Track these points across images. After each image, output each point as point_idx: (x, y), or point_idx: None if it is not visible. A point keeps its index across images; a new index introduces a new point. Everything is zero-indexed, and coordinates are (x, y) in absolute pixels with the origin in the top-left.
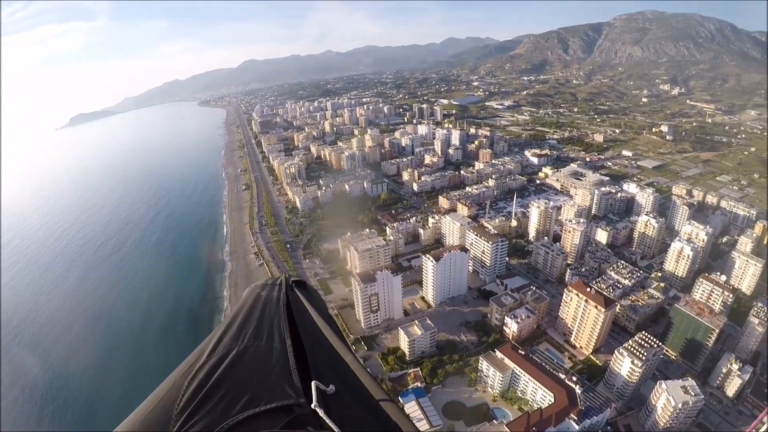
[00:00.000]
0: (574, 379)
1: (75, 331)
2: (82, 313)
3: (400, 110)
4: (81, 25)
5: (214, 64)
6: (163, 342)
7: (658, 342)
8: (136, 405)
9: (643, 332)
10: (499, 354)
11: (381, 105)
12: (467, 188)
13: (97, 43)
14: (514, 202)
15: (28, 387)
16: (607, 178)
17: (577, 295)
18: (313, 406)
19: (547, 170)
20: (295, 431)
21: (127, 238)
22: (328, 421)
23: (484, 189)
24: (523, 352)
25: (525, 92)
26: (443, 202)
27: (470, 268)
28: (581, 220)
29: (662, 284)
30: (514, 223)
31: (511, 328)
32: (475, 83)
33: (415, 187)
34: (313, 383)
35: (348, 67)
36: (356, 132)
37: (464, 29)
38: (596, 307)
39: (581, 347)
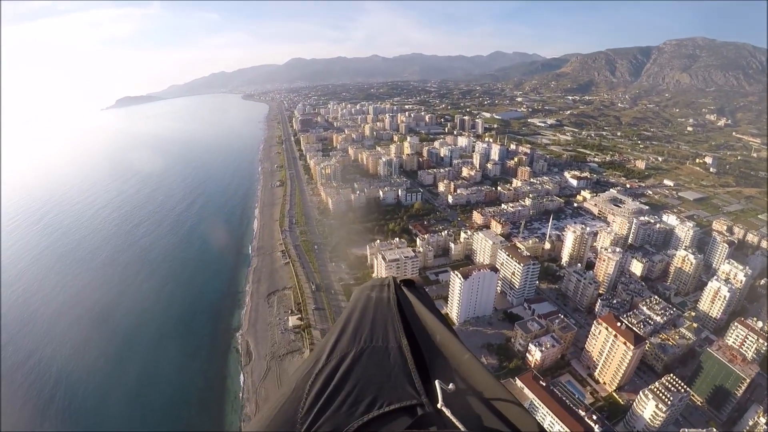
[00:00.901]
0: (594, 417)
1: (96, 312)
2: (105, 294)
3: (442, 120)
4: (134, 11)
5: (261, 59)
6: (181, 331)
7: (685, 387)
8: (146, 388)
9: (671, 375)
10: (519, 382)
11: (423, 113)
12: (503, 205)
13: (149, 29)
14: (550, 224)
15: (44, 361)
16: (647, 207)
17: (607, 328)
18: (439, 405)
19: (585, 194)
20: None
21: (160, 223)
22: (454, 420)
23: (520, 207)
24: (544, 384)
25: (569, 112)
26: (477, 217)
27: (498, 288)
28: (617, 249)
29: (695, 325)
30: (547, 245)
31: (535, 356)
32: (519, 99)
33: (450, 199)
34: (436, 382)
35: (393, 73)
36: (395, 138)
37: (512, 44)
38: (625, 343)
39: (604, 383)
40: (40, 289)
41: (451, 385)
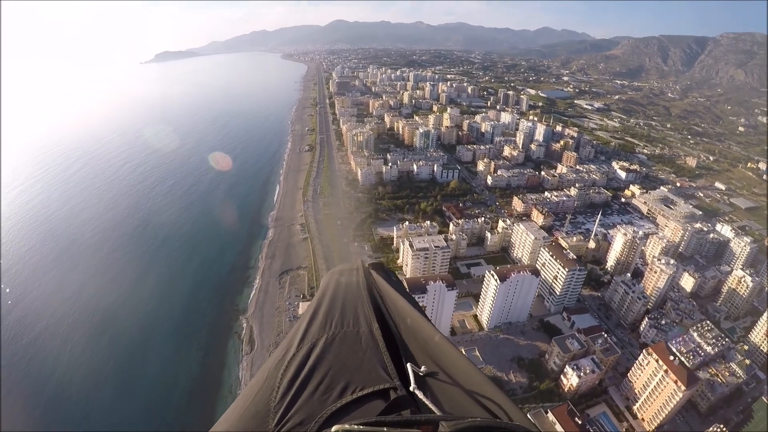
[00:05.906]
0: None
1: (103, 272)
2: (113, 256)
3: (484, 93)
4: None
5: (303, 19)
6: (183, 307)
7: None
8: (136, 369)
9: (722, 426)
10: (551, 416)
11: (465, 84)
12: (546, 193)
13: None
14: (597, 220)
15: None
16: (700, 212)
17: (657, 361)
18: (411, 388)
19: (635, 189)
20: (395, 415)
21: (188, 184)
22: (427, 402)
23: (564, 198)
24: (580, 421)
25: (617, 96)
26: (517, 203)
27: (536, 291)
28: (671, 261)
29: (747, 361)
30: (592, 244)
31: (571, 380)
32: (566, 78)
33: (489, 180)
34: (408, 365)
35: (436, 41)
36: (435, 108)
37: (561, 21)
38: (677, 382)
39: (643, 419)
40: (67, 230)
41: (423, 368)
